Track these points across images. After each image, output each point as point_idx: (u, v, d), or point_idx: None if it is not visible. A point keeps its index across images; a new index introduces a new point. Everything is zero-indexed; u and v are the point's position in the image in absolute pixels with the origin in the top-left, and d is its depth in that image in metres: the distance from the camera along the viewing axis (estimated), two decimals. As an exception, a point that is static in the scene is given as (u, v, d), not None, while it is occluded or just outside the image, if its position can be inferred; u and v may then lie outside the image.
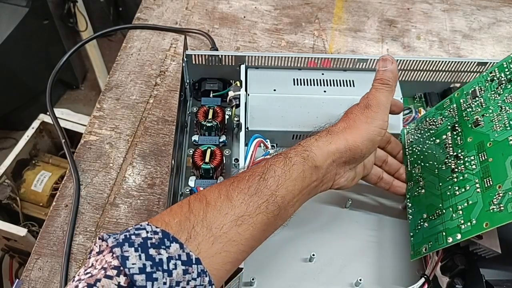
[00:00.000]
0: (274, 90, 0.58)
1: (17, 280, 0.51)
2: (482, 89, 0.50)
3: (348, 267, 0.51)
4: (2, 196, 1.07)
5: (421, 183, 0.52)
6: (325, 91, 0.59)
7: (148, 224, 0.35)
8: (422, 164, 0.53)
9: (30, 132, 1.15)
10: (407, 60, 0.60)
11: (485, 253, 0.45)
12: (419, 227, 0.49)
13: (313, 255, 0.51)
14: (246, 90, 0.57)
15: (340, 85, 0.59)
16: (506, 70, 0.49)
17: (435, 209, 0.48)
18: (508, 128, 0.45)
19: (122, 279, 0.31)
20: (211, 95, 0.62)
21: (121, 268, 0.32)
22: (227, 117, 0.60)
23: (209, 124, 0.57)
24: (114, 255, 0.32)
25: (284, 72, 0.60)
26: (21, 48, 1.39)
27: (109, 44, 1.69)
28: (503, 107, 0.47)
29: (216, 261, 0.36)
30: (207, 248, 0.35)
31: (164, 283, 0.32)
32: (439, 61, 0.61)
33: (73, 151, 0.63)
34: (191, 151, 0.57)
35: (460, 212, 0.45)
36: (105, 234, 0.34)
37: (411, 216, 0.51)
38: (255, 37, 0.79)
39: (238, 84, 0.59)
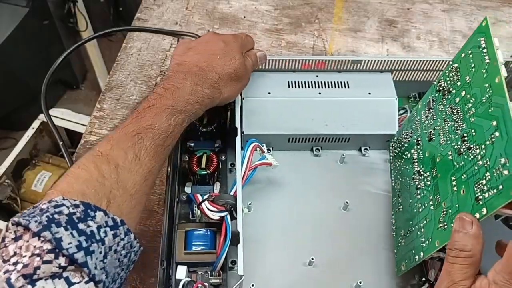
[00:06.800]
0: (269, 93, 0.57)
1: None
2: (434, 100, 0.47)
3: (348, 271, 0.51)
4: (2, 196, 1.07)
5: (400, 199, 0.51)
6: (320, 93, 0.58)
7: (64, 199, 0.34)
8: (400, 179, 0.52)
9: (30, 132, 1.15)
10: (407, 60, 0.60)
11: None
12: (399, 244, 0.49)
13: (313, 259, 0.50)
14: (241, 94, 0.57)
15: (335, 87, 0.59)
16: (448, 79, 0.45)
17: (408, 226, 0.47)
18: (448, 141, 0.42)
19: (62, 260, 0.31)
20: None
21: (57, 250, 0.31)
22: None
23: (204, 130, 0.56)
24: (44, 239, 0.31)
25: (279, 75, 0.59)
26: (21, 48, 1.39)
27: (109, 44, 1.69)
28: (446, 120, 0.44)
29: (133, 215, 0.39)
30: (126, 207, 0.38)
31: (100, 252, 0.33)
32: (439, 61, 0.61)
33: (74, 151, 0.63)
34: (186, 157, 0.56)
35: (422, 230, 0.44)
36: (20, 218, 0.32)
37: (394, 233, 0.51)
38: (255, 37, 0.79)
39: None
